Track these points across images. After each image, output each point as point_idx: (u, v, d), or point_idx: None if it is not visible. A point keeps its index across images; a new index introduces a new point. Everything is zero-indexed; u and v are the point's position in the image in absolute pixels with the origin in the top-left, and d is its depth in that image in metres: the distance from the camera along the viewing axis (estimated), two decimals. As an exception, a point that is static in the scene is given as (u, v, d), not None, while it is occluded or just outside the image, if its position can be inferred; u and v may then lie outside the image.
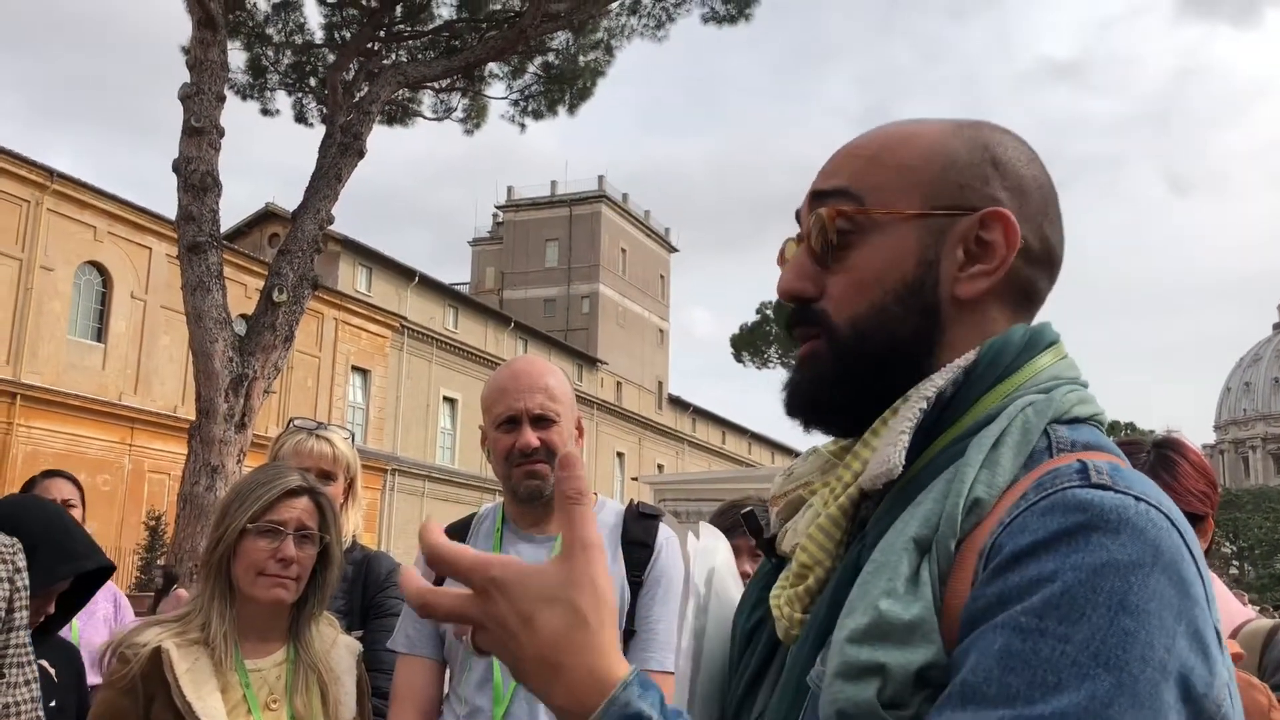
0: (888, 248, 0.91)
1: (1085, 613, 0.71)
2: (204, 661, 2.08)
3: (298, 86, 14.67)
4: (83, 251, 26.73)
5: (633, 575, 2.27)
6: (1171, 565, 0.73)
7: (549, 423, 2.28)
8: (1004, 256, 0.90)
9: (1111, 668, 0.70)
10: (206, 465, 10.13)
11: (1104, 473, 0.78)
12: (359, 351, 35.24)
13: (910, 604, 0.78)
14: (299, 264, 11.06)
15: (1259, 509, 49.56)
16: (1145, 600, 0.71)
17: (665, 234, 65.84)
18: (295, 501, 2.20)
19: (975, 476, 0.81)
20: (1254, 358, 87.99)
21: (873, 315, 0.91)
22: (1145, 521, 0.74)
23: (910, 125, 0.97)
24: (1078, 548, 0.73)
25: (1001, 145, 0.94)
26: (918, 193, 0.91)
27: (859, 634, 0.78)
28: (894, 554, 0.81)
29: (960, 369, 0.88)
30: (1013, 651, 0.72)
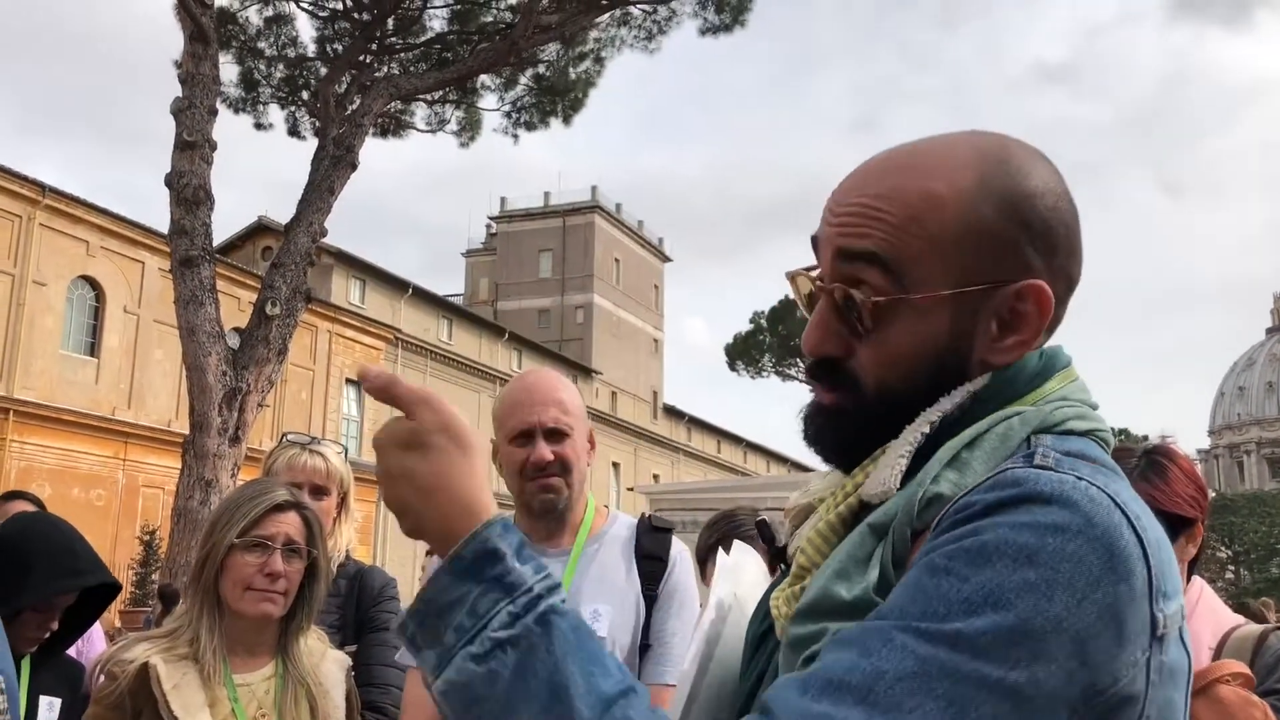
0: (923, 326, 0.91)
1: (991, 560, 0.74)
2: (192, 676, 2.08)
3: (290, 100, 14.70)
4: (75, 266, 26.69)
5: (647, 589, 2.26)
6: (1102, 538, 0.75)
7: (563, 436, 2.27)
8: (1038, 327, 0.91)
9: (999, 608, 0.73)
10: (200, 479, 10.12)
11: (1050, 456, 0.81)
12: (353, 364, 35.16)
13: (855, 585, 0.82)
14: (292, 277, 11.06)
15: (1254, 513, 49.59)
16: (1057, 559, 0.74)
17: (659, 244, 65.91)
18: (282, 516, 2.19)
19: (940, 474, 0.84)
20: (1248, 362, 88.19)
21: (904, 383, 0.92)
22: (1081, 496, 0.77)
23: (935, 184, 0.91)
24: (1006, 514, 0.76)
25: (1029, 197, 0.91)
26: (952, 270, 0.90)
27: (804, 610, 0.84)
28: (850, 540, 0.86)
29: (968, 392, 0.90)
30: (918, 584, 0.76)
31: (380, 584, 3.01)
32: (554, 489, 2.25)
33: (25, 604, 2.55)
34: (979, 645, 0.72)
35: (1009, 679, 0.72)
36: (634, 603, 2.23)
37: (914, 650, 0.73)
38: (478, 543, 0.81)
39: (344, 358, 34.63)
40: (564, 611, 0.80)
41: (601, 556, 2.29)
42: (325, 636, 2.40)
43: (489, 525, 0.83)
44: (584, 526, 2.32)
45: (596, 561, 2.28)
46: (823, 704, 0.74)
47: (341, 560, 3.01)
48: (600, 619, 2.18)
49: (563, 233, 59.22)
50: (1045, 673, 0.72)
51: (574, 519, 2.32)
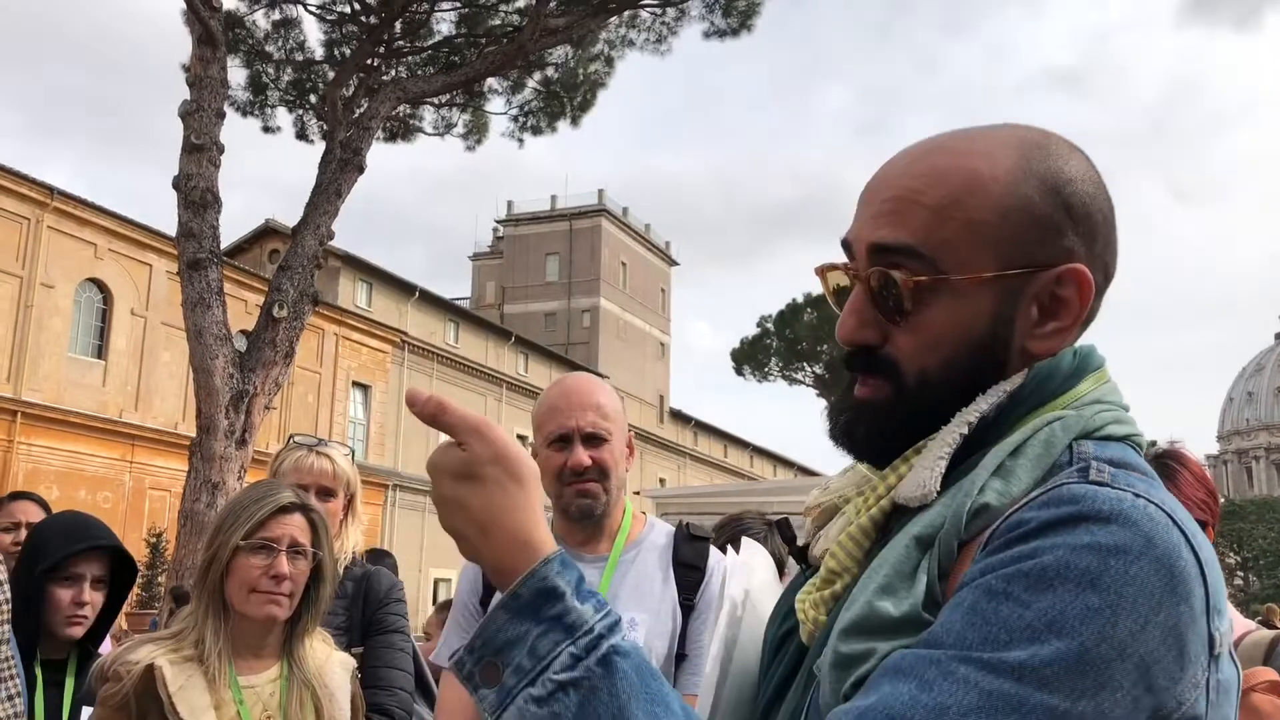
0: (962, 309, 0.89)
1: (1053, 584, 0.72)
2: (197, 679, 2.07)
3: (298, 103, 14.73)
4: (83, 268, 26.76)
5: (684, 598, 2.25)
6: (1163, 559, 0.73)
7: (601, 441, 2.26)
8: (1078, 314, 0.90)
9: (1064, 635, 0.71)
10: (207, 482, 10.12)
11: (1105, 471, 0.79)
12: (360, 367, 35.23)
13: (902, 600, 0.80)
14: (299, 280, 11.07)
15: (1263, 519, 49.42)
16: (1120, 583, 0.71)
17: (666, 247, 65.92)
18: (288, 518, 2.19)
19: (986, 483, 0.82)
20: (1256, 367, 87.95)
21: (944, 369, 0.90)
22: (1140, 514, 0.75)
23: (970, 161, 0.90)
24: (1064, 533, 0.74)
25: (1070, 182, 0.90)
26: (992, 252, 0.88)
27: (850, 627, 0.81)
28: (894, 551, 0.83)
29: (1005, 393, 0.88)
30: (975, 608, 0.74)
31: (387, 586, 3.00)
32: (591, 494, 2.24)
33: (43, 566, 2.62)
34: (1044, 676, 0.70)
35: (1076, 710, 0.70)
36: (670, 611, 2.22)
37: (977, 683, 0.71)
38: (536, 580, 0.79)
39: (351, 360, 34.67)
40: (626, 652, 0.78)
41: (639, 564, 2.28)
42: (330, 639, 2.39)
43: (547, 562, 0.80)
44: (621, 533, 2.31)
45: (634, 569, 2.27)
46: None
47: (348, 562, 3.00)
48: (636, 627, 2.17)
49: (569, 236, 59.26)
50: (1110, 701, 0.70)
51: (611, 525, 2.30)
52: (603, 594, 2.19)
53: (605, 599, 0.81)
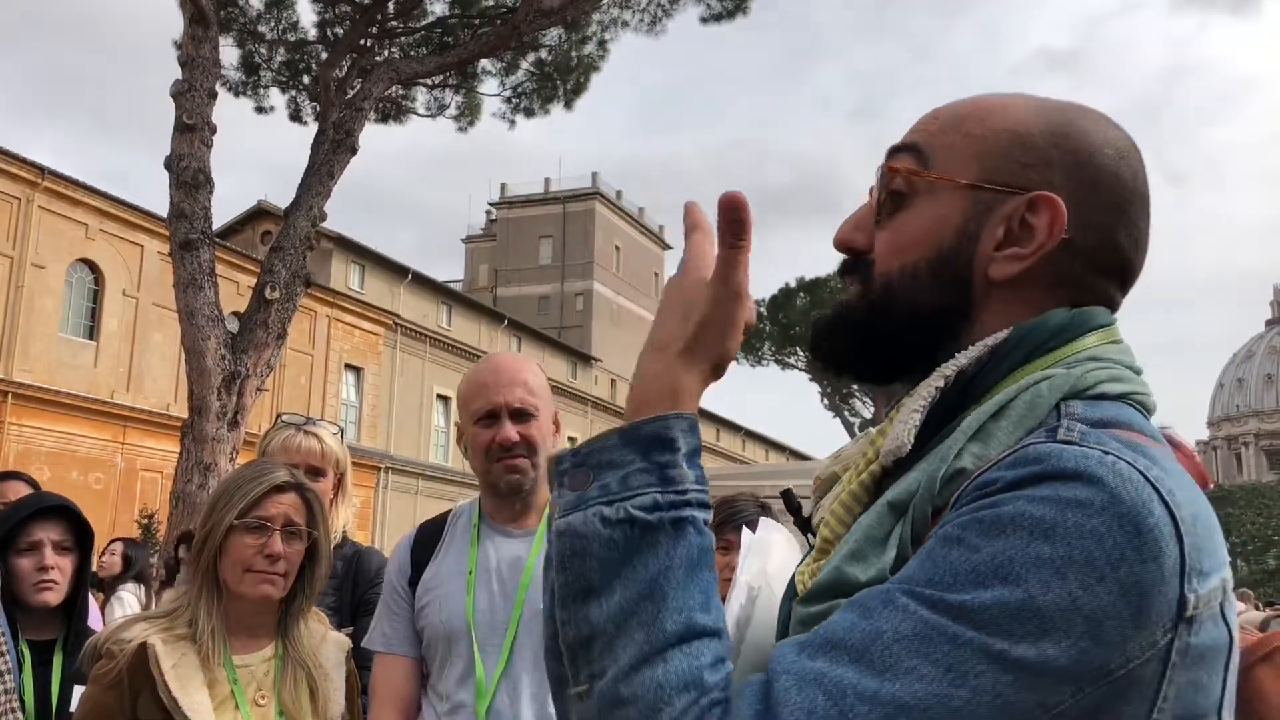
0: (932, 213, 0.90)
1: (1005, 531, 0.71)
2: (191, 657, 2.07)
3: (291, 83, 14.64)
4: (74, 249, 26.63)
5: None
6: (1128, 515, 0.71)
7: (528, 417, 2.28)
8: (1041, 243, 0.87)
9: (1008, 581, 0.70)
10: (199, 463, 10.10)
11: (1075, 431, 0.77)
12: (352, 349, 35.16)
13: (870, 566, 0.80)
14: (291, 261, 11.03)
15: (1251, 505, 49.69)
16: (1075, 535, 0.70)
17: (659, 231, 65.81)
18: (282, 497, 2.18)
19: (964, 447, 0.81)
20: (1247, 354, 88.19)
21: (904, 277, 0.90)
22: (1106, 471, 0.73)
23: (1006, 98, 0.94)
24: (1025, 489, 0.73)
25: (1086, 134, 0.90)
26: (977, 164, 0.90)
27: (816, 590, 0.82)
28: (869, 516, 0.83)
29: (987, 347, 0.87)
30: (929, 553, 0.74)
31: (377, 566, 3.00)
32: (520, 469, 2.26)
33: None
34: (982, 619, 0.70)
35: (1013, 653, 0.69)
36: None
37: (915, 613, 0.71)
38: (660, 425, 0.81)
39: (343, 343, 34.60)
40: (701, 529, 0.79)
41: None
42: (325, 618, 2.39)
43: (680, 417, 0.81)
44: (548, 509, 2.31)
45: None
46: (818, 661, 0.72)
47: (339, 542, 3.00)
48: None
49: (563, 219, 59.14)
50: (1055, 650, 0.69)
51: (540, 500, 2.33)
52: (530, 568, 2.22)
53: (706, 486, 0.82)
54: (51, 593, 2.83)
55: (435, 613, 2.27)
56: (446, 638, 2.23)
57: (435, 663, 2.29)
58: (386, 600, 2.40)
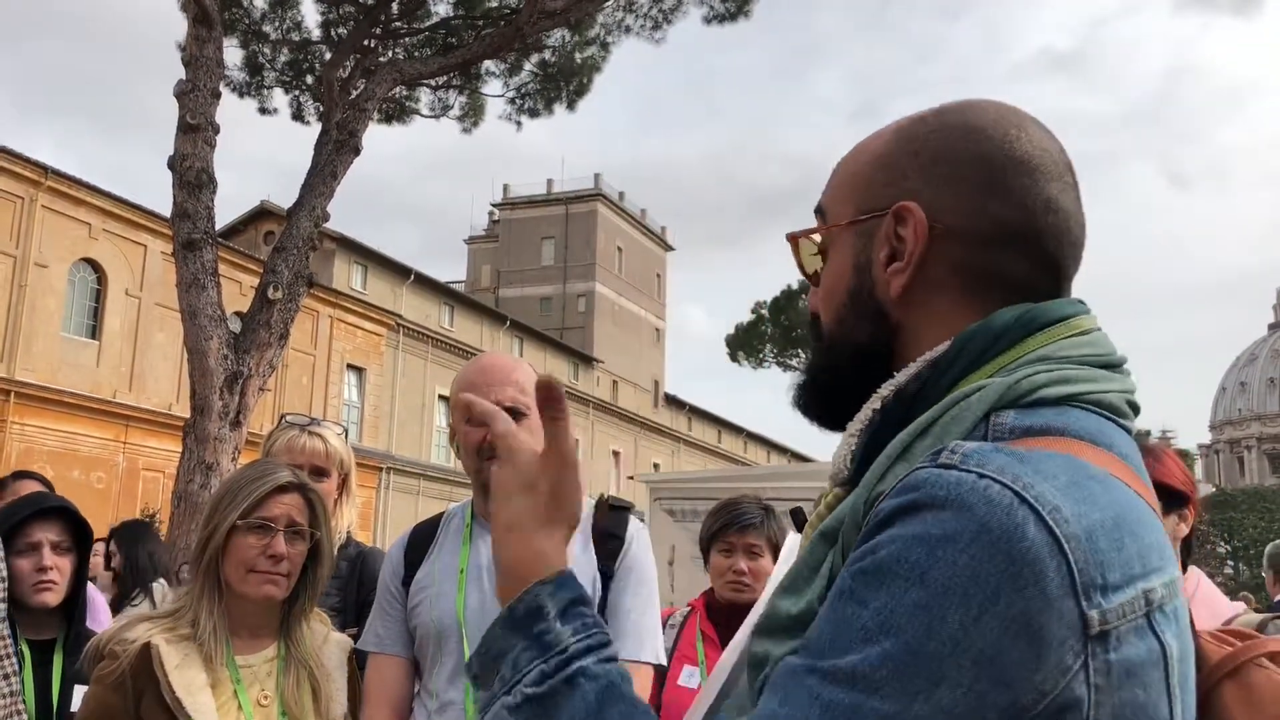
0: (837, 260, 0.95)
1: (885, 581, 0.71)
2: (194, 657, 2.07)
3: (294, 84, 14.64)
4: (77, 248, 26.65)
5: (604, 566, 2.28)
6: (998, 544, 0.69)
7: (520, 416, 2.27)
8: (912, 249, 0.88)
9: (892, 634, 0.69)
10: (201, 463, 10.10)
11: (958, 452, 0.74)
12: (354, 349, 35.18)
13: (799, 598, 0.81)
14: (294, 261, 11.02)
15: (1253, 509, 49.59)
16: (949, 575, 0.69)
17: (661, 232, 65.81)
18: (285, 497, 2.18)
19: (889, 469, 0.81)
20: (1250, 357, 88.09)
21: (837, 326, 0.94)
22: (977, 497, 0.70)
23: (884, 129, 0.97)
24: (903, 523, 0.72)
25: (942, 128, 0.90)
26: (853, 201, 0.94)
27: (757, 627, 0.84)
28: (806, 547, 0.85)
29: (926, 361, 0.86)
30: (831, 610, 0.75)
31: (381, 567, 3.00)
32: None
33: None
34: (874, 680, 0.69)
35: (911, 712, 0.68)
36: (590, 580, 2.25)
37: (819, 695, 0.71)
38: (529, 599, 0.85)
39: (345, 343, 34.61)
40: (595, 675, 0.81)
41: None
42: (328, 619, 2.39)
43: (543, 583, 0.86)
44: None
45: None
46: None
47: (343, 542, 3.00)
48: None
49: (565, 220, 59.14)
50: (950, 699, 0.67)
51: None
52: None
53: (600, 622, 0.86)
54: (51, 593, 2.83)
55: (427, 611, 2.27)
56: (438, 636, 2.24)
57: (426, 661, 2.29)
58: (380, 601, 2.40)
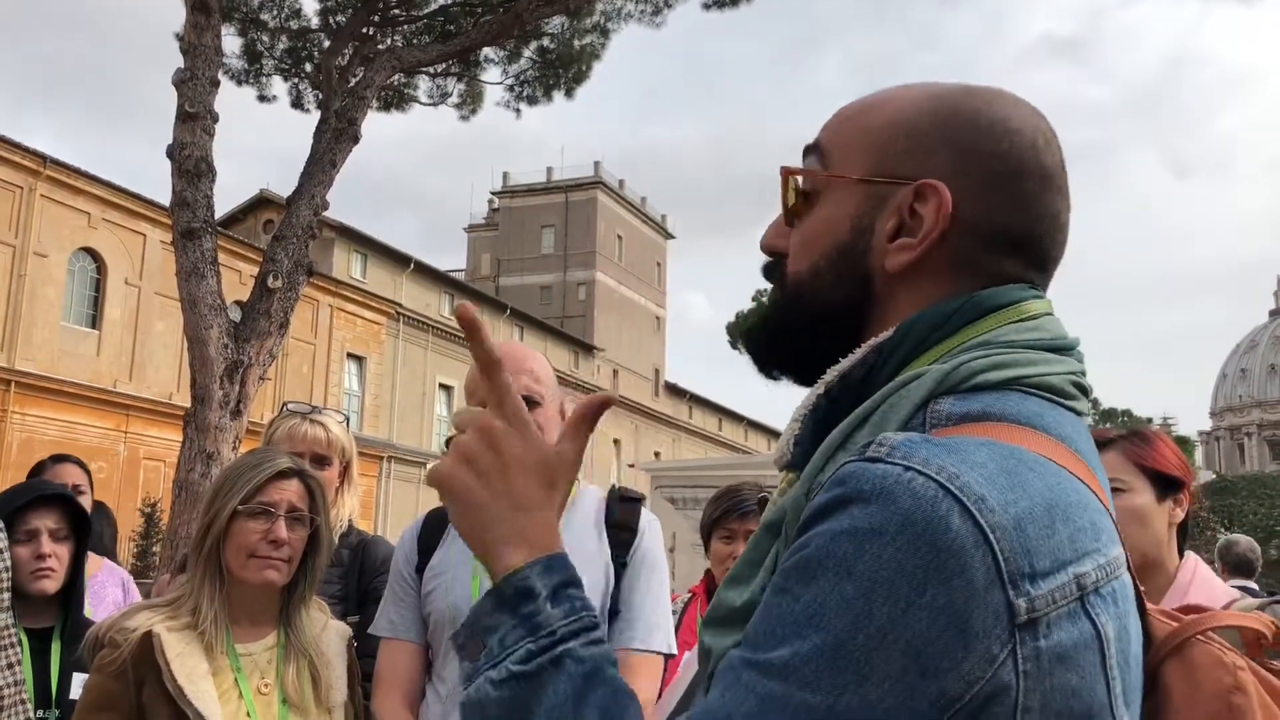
0: (830, 211, 0.91)
1: (815, 576, 0.71)
2: (195, 646, 2.07)
3: (293, 72, 14.60)
4: (76, 238, 26.64)
5: (617, 557, 2.29)
6: (922, 536, 0.69)
7: (534, 404, 2.28)
8: (928, 231, 0.86)
9: (821, 629, 0.70)
10: (202, 452, 10.10)
11: (885, 444, 0.74)
12: (354, 338, 35.18)
13: (744, 590, 0.82)
14: (294, 250, 11.01)
15: (1254, 495, 49.66)
16: (875, 569, 0.69)
17: (662, 220, 65.75)
18: (286, 483, 2.18)
19: (833, 457, 0.81)
20: (1250, 344, 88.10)
21: (809, 276, 0.91)
22: (902, 490, 0.71)
23: (900, 90, 0.94)
24: (831, 518, 0.73)
25: (976, 115, 0.89)
26: (868, 158, 0.90)
27: (706, 618, 0.85)
28: (752, 540, 0.85)
29: (871, 348, 0.86)
30: (766, 605, 0.75)
31: (384, 555, 2.99)
32: None
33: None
34: (804, 674, 0.69)
35: (840, 705, 0.68)
36: (603, 570, 2.26)
37: (753, 688, 0.72)
38: (518, 579, 0.85)
39: (345, 332, 34.61)
40: (581, 658, 0.82)
41: (571, 526, 2.30)
42: (326, 607, 2.39)
43: (534, 562, 0.85)
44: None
45: (567, 531, 2.28)
46: None
47: (344, 530, 3.00)
48: None
49: (565, 209, 59.08)
50: (879, 693, 0.68)
51: None
52: None
53: (589, 605, 0.86)
54: (49, 580, 2.84)
55: (441, 597, 2.27)
56: (452, 622, 2.24)
57: (439, 647, 2.29)
58: (393, 586, 2.41)
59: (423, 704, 2.30)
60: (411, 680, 2.32)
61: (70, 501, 2.97)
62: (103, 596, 3.71)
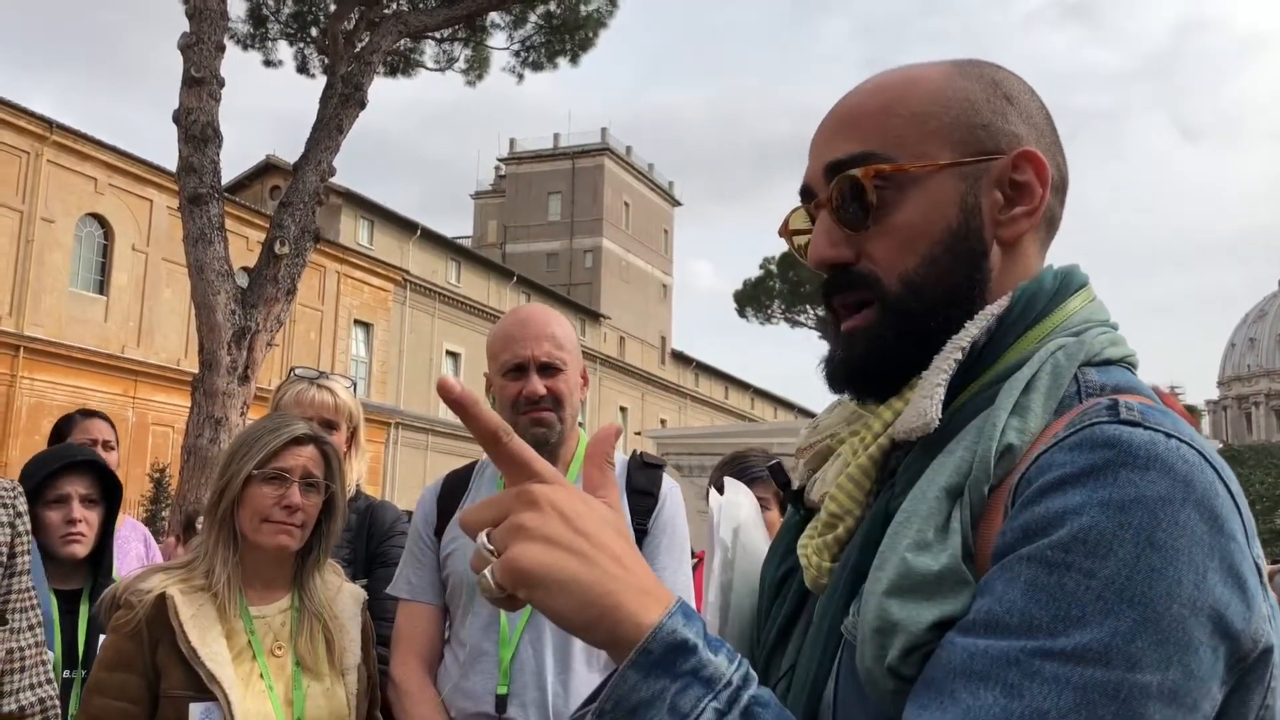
0: (928, 200, 0.89)
1: (1112, 548, 0.70)
2: (208, 608, 2.09)
3: (299, 36, 14.52)
4: (83, 203, 26.61)
5: (637, 523, 2.28)
6: (1204, 500, 0.71)
7: (555, 371, 2.28)
8: (1041, 196, 0.90)
9: (1136, 603, 0.69)
10: (210, 418, 10.15)
11: (1134, 410, 0.76)
12: (361, 305, 35.19)
13: (939, 553, 0.77)
14: (300, 216, 11.00)
15: (1261, 465, 49.71)
16: (1174, 536, 0.70)
17: (669, 187, 65.50)
18: (301, 449, 2.19)
19: (1006, 423, 0.80)
20: (1259, 313, 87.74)
21: (924, 268, 0.89)
22: (1175, 457, 0.73)
23: (905, 71, 0.94)
24: (1105, 483, 0.72)
25: (1007, 80, 0.93)
26: (944, 140, 0.89)
27: (891, 589, 0.77)
28: (925, 503, 0.80)
29: (993, 316, 0.86)
30: (1038, 584, 0.71)
31: (391, 519, 3.02)
32: (546, 423, 2.28)
33: (28, 487, 2.68)
34: (1130, 653, 0.68)
35: (1168, 681, 0.68)
36: None
37: (1067, 679, 0.68)
38: (664, 634, 0.72)
39: (353, 298, 34.62)
40: (765, 702, 0.73)
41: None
42: (341, 570, 2.41)
43: (671, 615, 0.73)
44: (576, 461, 2.35)
45: None
46: None
47: (352, 495, 3.02)
48: None
49: (572, 175, 58.86)
50: (1195, 660, 0.69)
51: (565, 454, 2.35)
52: None
53: (732, 648, 0.75)
54: (79, 545, 2.88)
55: (460, 560, 2.29)
56: (471, 586, 2.25)
57: (458, 610, 2.31)
58: (411, 548, 2.42)
59: (441, 666, 2.32)
60: (430, 642, 2.34)
61: (101, 467, 3.00)
62: (126, 551, 3.76)
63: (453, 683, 2.26)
